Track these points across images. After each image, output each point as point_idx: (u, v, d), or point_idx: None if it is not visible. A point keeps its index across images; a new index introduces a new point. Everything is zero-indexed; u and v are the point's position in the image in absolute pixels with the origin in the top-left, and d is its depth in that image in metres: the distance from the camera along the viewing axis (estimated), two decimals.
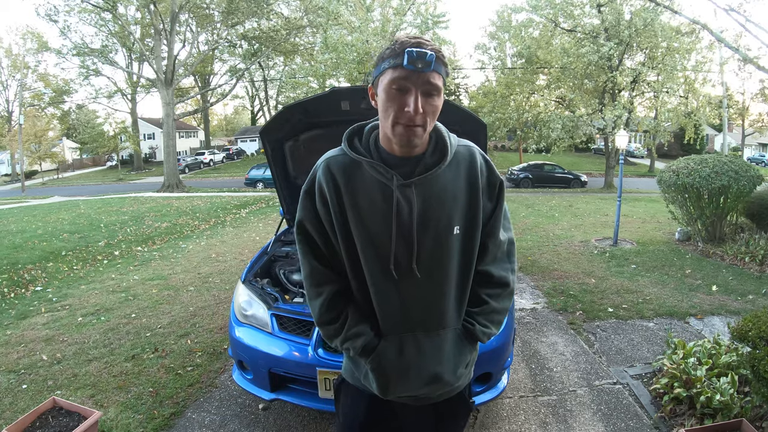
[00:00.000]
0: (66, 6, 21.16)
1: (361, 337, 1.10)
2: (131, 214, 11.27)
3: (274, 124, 2.88)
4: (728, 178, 5.64)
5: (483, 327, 1.15)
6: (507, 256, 1.19)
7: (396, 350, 1.10)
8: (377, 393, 1.14)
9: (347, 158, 1.09)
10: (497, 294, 1.17)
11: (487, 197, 1.13)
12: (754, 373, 2.07)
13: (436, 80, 0.98)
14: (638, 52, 17.76)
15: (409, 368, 1.10)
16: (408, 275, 1.07)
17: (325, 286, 1.13)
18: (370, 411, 1.21)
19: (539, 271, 5.36)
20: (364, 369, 1.15)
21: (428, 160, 1.07)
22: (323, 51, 17.61)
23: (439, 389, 1.13)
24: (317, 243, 1.13)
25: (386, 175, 1.04)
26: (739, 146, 32.68)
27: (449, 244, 1.08)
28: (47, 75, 35.09)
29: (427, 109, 0.99)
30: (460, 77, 34.96)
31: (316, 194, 1.10)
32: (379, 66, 1.01)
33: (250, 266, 2.84)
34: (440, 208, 1.06)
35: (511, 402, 2.64)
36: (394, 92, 0.98)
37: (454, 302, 1.12)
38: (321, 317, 1.14)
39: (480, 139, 2.72)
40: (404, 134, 0.99)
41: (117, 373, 3.01)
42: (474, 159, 1.11)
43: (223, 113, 62.97)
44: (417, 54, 0.94)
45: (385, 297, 1.09)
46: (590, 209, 11.37)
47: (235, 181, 24.62)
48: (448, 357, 1.11)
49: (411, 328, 1.10)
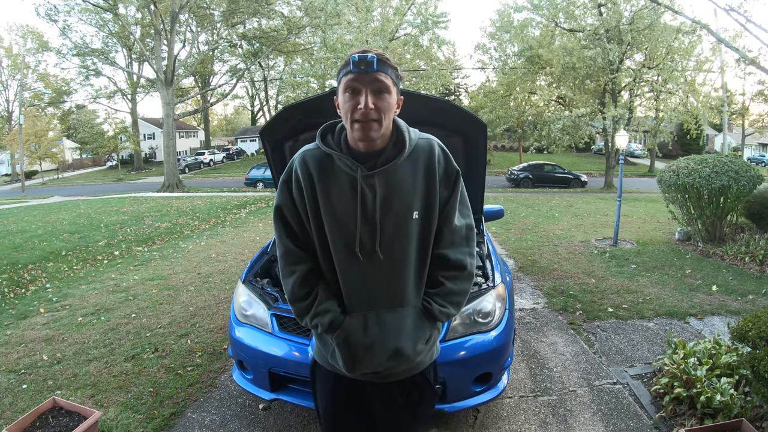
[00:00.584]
0: (66, 6, 21.19)
1: (329, 313, 1.19)
2: (131, 214, 11.27)
3: (274, 124, 2.88)
4: (728, 178, 5.64)
5: (440, 306, 1.23)
6: (465, 240, 1.27)
7: (360, 326, 1.19)
8: (344, 370, 1.21)
9: (320, 152, 1.21)
10: (454, 276, 1.25)
11: (444, 186, 1.23)
12: (754, 373, 2.07)
13: (383, 78, 1.11)
14: (638, 52, 17.76)
15: (373, 343, 1.18)
16: (371, 256, 1.17)
17: (298, 265, 1.22)
18: (340, 389, 1.29)
19: (539, 271, 5.36)
20: (331, 347, 1.23)
21: (389, 153, 1.18)
22: (322, 51, 17.61)
23: (401, 364, 1.21)
24: (292, 226, 1.23)
25: (352, 167, 1.16)
26: (739, 146, 32.66)
27: (408, 228, 1.18)
28: (47, 75, 35.14)
29: (380, 105, 1.11)
30: (461, 77, 34.98)
31: (293, 183, 1.21)
32: (337, 77, 1.17)
33: (250, 266, 2.84)
34: (400, 195, 1.17)
35: (511, 402, 2.64)
36: (348, 95, 1.12)
37: (413, 282, 1.21)
38: (294, 294, 1.22)
39: (480, 139, 2.72)
40: (361, 129, 1.12)
41: (117, 373, 3.01)
42: (432, 151, 1.22)
43: (223, 113, 63.04)
44: (359, 58, 1.10)
45: (351, 276, 1.19)
46: (590, 209, 11.37)
47: (235, 181, 24.62)
48: (407, 332, 1.20)
49: (374, 305, 1.19)
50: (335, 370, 1.26)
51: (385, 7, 19.72)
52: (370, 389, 1.28)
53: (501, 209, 3.81)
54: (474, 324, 2.24)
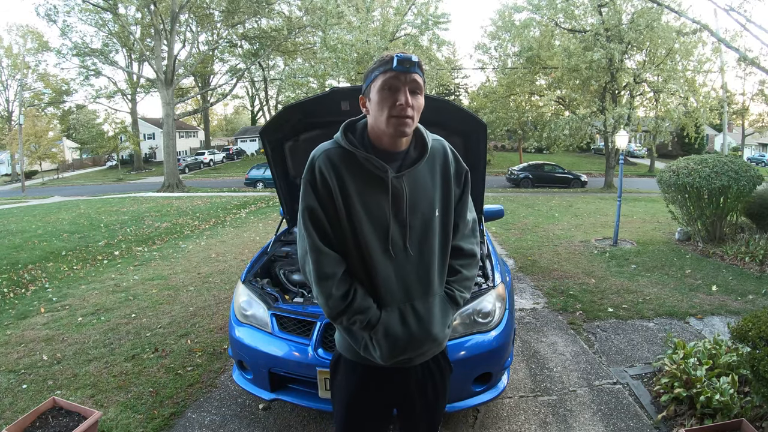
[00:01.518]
0: (66, 6, 21.20)
1: (369, 310, 1.23)
2: (131, 214, 11.27)
3: (274, 124, 2.88)
4: (728, 178, 5.64)
5: (459, 292, 1.34)
6: (473, 231, 1.41)
7: (398, 319, 1.25)
8: (380, 360, 1.26)
9: (343, 150, 1.23)
10: (468, 264, 1.37)
11: (456, 184, 1.33)
12: (754, 373, 2.07)
13: (419, 79, 1.18)
14: (638, 52, 17.75)
15: (411, 333, 1.25)
16: (402, 253, 1.24)
17: (333, 267, 1.23)
18: (363, 381, 1.34)
19: (539, 271, 5.36)
20: (362, 341, 1.27)
21: (412, 155, 1.26)
22: (322, 51, 17.60)
23: (435, 347, 1.33)
24: (323, 228, 1.24)
25: (381, 168, 1.21)
26: (739, 146, 32.66)
27: (433, 225, 1.27)
28: (47, 75, 35.13)
29: (414, 105, 1.18)
30: (460, 77, 34.98)
31: (318, 183, 1.21)
32: (370, 76, 1.20)
33: (250, 266, 2.83)
34: (424, 195, 1.26)
35: (511, 402, 2.64)
36: (386, 92, 1.16)
37: (437, 272, 1.30)
38: (331, 297, 1.23)
39: (480, 139, 2.72)
40: (398, 125, 1.17)
41: (117, 373, 3.01)
42: (446, 152, 1.32)
43: (223, 113, 63.05)
44: (404, 57, 1.16)
45: (385, 273, 1.24)
46: (590, 209, 11.37)
47: (235, 181, 24.61)
48: (438, 319, 1.29)
49: (408, 298, 1.26)
50: (365, 361, 1.31)
51: (386, 7, 19.71)
52: (396, 375, 1.33)
53: (501, 209, 3.81)
54: (474, 324, 2.24)
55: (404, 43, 18.74)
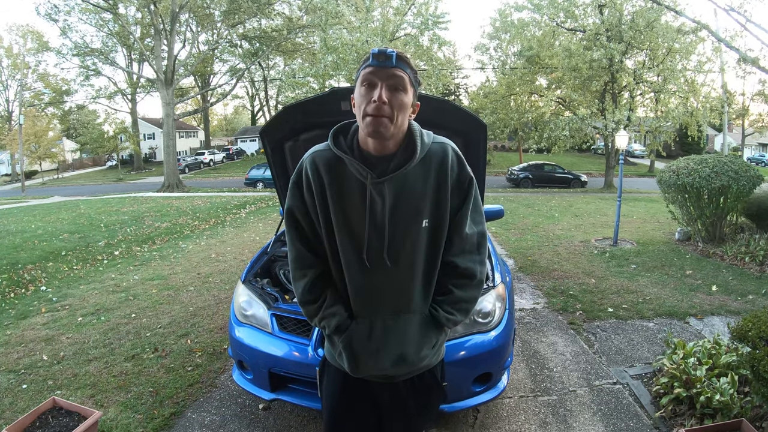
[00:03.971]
0: (66, 6, 21.18)
1: (336, 317, 1.20)
2: (131, 214, 11.27)
3: (274, 124, 2.88)
4: (728, 178, 5.64)
5: (447, 314, 1.23)
6: (476, 248, 1.25)
7: (366, 331, 1.20)
8: (348, 370, 1.23)
9: (331, 154, 1.18)
10: (463, 284, 1.24)
11: (456, 193, 1.21)
12: (754, 373, 2.07)
13: (401, 75, 1.10)
14: (639, 52, 17.75)
15: (378, 348, 1.19)
16: (379, 263, 1.17)
17: (308, 269, 1.23)
18: (346, 388, 1.30)
19: (539, 271, 5.36)
20: (338, 348, 1.24)
21: (400, 158, 1.16)
22: (322, 51, 17.59)
23: (404, 369, 1.22)
24: (304, 229, 1.23)
25: (363, 173, 1.14)
26: (739, 146, 32.65)
27: (417, 237, 1.17)
28: (47, 75, 35.11)
29: (393, 102, 1.09)
30: (460, 77, 34.98)
31: (304, 185, 1.20)
32: (355, 75, 1.16)
33: (250, 266, 2.83)
34: (409, 203, 1.16)
35: (511, 402, 2.64)
36: (364, 88, 1.10)
37: (420, 289, 1.21)
38: (303, 297, 1.23)
39: (480, 139, 2.72)
40: (371, 124, 1.09)
41: (117, 373, 3.01)
42: (446, 157, 1.19)
43: (223, 113, 62.97)
44: (380, 51, 1.09)
45: (358, 282, 1.19)
46: (590, 209, 11.37)
47: (235, 181, 24.61)
48: (412, 339, 1.20)
49: (380, 311, 1.20)
50: (344, 368, 1.27)
51: (385, 7, 19.70)
52: (377, 388, 1.29)
53: (501, 209, 3.81)
54: (474, 324, 2.24)
55: (405, 43, 18.73)
